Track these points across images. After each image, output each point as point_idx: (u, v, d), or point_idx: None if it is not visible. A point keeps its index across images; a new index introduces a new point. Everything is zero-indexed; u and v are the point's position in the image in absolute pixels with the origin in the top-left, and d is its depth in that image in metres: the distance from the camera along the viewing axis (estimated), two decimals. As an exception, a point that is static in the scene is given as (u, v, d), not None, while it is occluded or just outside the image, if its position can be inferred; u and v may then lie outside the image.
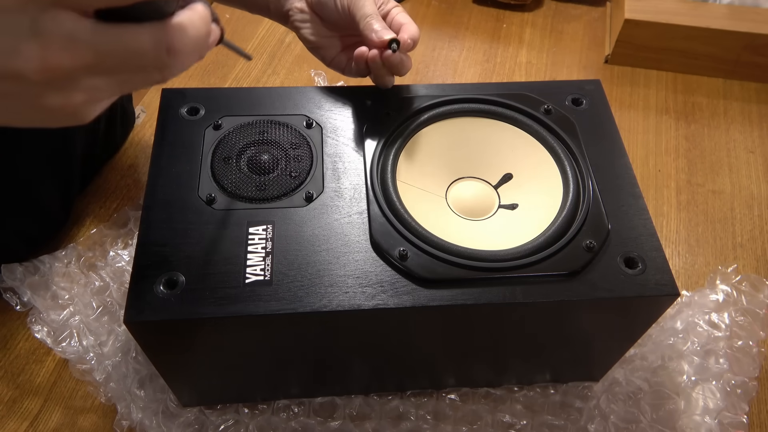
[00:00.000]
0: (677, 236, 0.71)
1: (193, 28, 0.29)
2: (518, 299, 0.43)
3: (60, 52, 0.26)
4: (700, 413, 0.56)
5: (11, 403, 0.56)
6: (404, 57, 0.51)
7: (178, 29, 0.28)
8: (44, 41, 0.25)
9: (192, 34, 0.29)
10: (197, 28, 0.29)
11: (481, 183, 0.53)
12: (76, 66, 0.26)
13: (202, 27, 0.30)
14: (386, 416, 0.56)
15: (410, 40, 0.51)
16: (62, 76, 0.26)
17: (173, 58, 0.28)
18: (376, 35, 0.50)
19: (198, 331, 0.43)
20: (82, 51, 0.26)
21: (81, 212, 0.70)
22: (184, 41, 0.29)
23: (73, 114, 0.29)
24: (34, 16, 0.25)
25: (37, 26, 0.25)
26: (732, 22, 0.83)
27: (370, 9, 0.51)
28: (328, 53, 0.57)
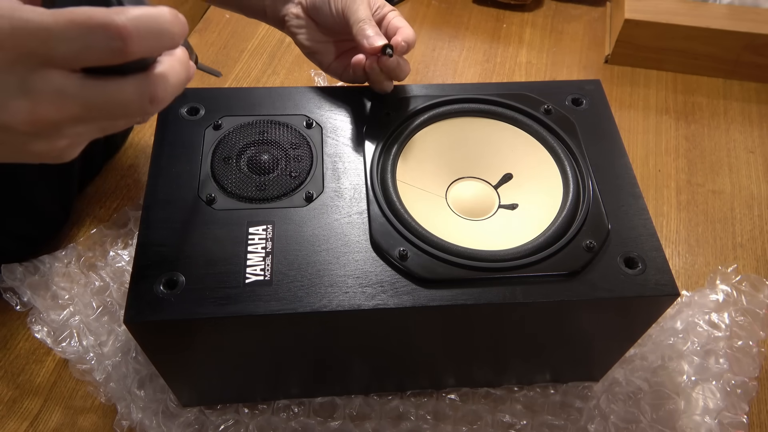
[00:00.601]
0: (677, 236, 0.71)
1: (174, 75, 0.30)
2: (518, 299, 0.43)
3: (48, 106, 0.27)
4: (700, 413, 0.56)
5: (11, 403, 0.56)
6: (401, 61, 0.51)
7: (161, 80, 0.30)
8: (33, 97, 0.27)
9: (173, 81, 0.30)
10: (178, 74, 0.31)
11: (481, 183, 0.53)
12: (63, 118, 0.28)
13: (182, 72, 0.31)
14: (386, 416, 0.56)
15: (404, 43, 0.50)
16: (49, 127, 0.28)
17: (156, 106, 0.30)
18: (368, 42, 0.50)
19: (198, 331, 0.43)
20: (70, 105, 0.28)
21: (81, 212, 0.69)
22: (167, 90, 0.30)
23: (57, 157, 0.31)
24: (22, 75, 0.26)
25: (26, 84, 0.26)
26: (732, 22, 0.83)
27: (364, 14, 0.51)
28: (325, 59, 0.57)
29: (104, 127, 0.31)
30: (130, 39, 0.26)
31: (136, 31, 0.26)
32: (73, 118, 0.28)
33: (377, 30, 0.50)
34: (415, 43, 0.52)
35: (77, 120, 0.28)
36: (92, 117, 0.29)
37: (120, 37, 0.26)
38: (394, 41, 0.50)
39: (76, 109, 0.28)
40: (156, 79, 0.29)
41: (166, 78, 0.30)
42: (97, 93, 0.28)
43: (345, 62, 0.56)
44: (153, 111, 0.30)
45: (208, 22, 0.95)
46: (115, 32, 0.26)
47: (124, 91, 0.28)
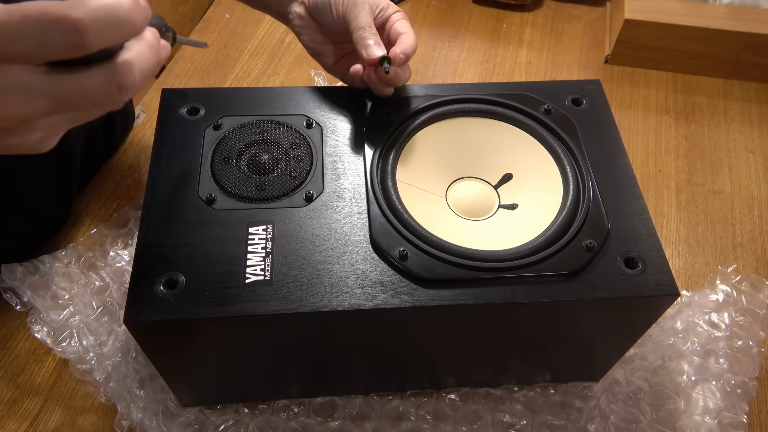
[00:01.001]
0: (677, 236, 0.71)
1: (141, 61, 0.30)
2: (518, 299, 0.43)
3: (13, 103, 0.27)
4: (700, 413, 0.56)
5: (11, 403, 0.56)
6: (398, 71, 0.50)
7: (127, 67, 0.29)
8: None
9: (141, 67, 0.30)
10: (146, 59, 0.30)
11: (481, 183, 0.53)
12: (31, 113, 0.28)
13: (150, 56, 0.31)
14: (386, 416, 0.56)
15: (403, 55, 0.49)
16: (18, 122, 0.28)
17: (125, 93, 0.30)
18: (367, 52, 0.49)
19: (198, 331, 0.43)
20: (36, 99, 0.27)
21: (81, 212, 0.69)
22: (135, 77, 0.30)
23: (33, 148, 0.31)
24: None
25: None
26: (732, 22, 0.83)
27: (364, 20, 0.50)
28: (328, 60, 0.57)
29: (77, 117, 0.31)
30: (87, 32, 0.26)
31: (92, 23, 0.26)
32: (42, 112, 0.28)
33: (377, 38, 0.49)
34: (415, 51, 0.51)
35: (46, 113, 0.28)
36: (61, 109, 0.29)
37: (76, 30, 0.25)
38: (392, 53, 0.49)
39: (43, 104, 0.28)
40: (122, 67, 0.29)
41: (132, 65, 0.29)
42: (62, 86, 0.27)
43: (348, 64, 0.56)
44: (124, 98, 0.30)
45: (208, 22, 0.95)
46: (71, 26, 0.25)
47: (90, 82, 0.28)
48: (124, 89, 0.29)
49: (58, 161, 0.63)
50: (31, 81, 0.27)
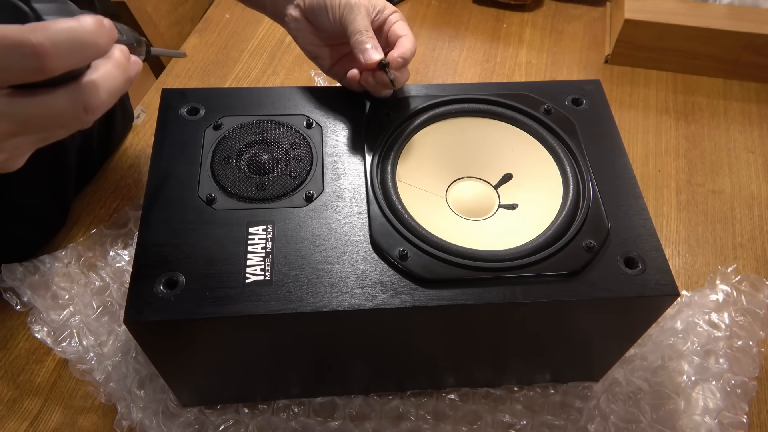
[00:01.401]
0: (677, 236, 0.71)
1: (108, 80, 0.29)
2: (518, 299, 0.43)
3: None
4: (700, 413, 0.56)
5: (11, 403, 0.56)
6: (397, 74, 0.50)
7: (92, 88, 0.29)
8: None
9: (108, 87, 0.29)
10: (114, 78, 0.30)
11: (481, 183, 0.53)
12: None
13: (118, 75, 0.30)
14: (386, 416, 0.56)
15: (401, 59, 0.49)
16: None
17: (92, 113, 0.29)
18: (364, 57, 0.48)
19: (198, 331, 0.43)
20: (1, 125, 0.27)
21: (81, 212, 0.69)
22: (101, 97, 0.29)
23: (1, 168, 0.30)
24: None
25: None
26: (732, 22, 0.83)
27: (361, 24, 0.49)
28: (325, 63, 0.56)
29: (43, 138, 0.30)
30: (48, 56, 0.25)
31: (53, 48, 0.25)
32: (5, 134, 0.28)
33: (375, 42, 0.49)
34: (414, 54, 0.50)
35: (10, 135, 0.28)
36: (26, 131, 0.28)
37: (36, 55, 0.25)
38: (390, 57, 0.49)
39: (6, 126, 0.27)
40: (88, 88, 0.28)
41: (99, 85, 0.29)
42: (26, 108, 0.27)
43: (345, 67, 0.55)
44: (91, 119, 0.30)
45: (208, 22, 0.95)
46: (31, 50, 0.25)
47: (55, 103, 0.28)
48: (91, 110, 0.29)
49: (53, 164, 0.63)
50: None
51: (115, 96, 0.30)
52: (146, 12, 0.92)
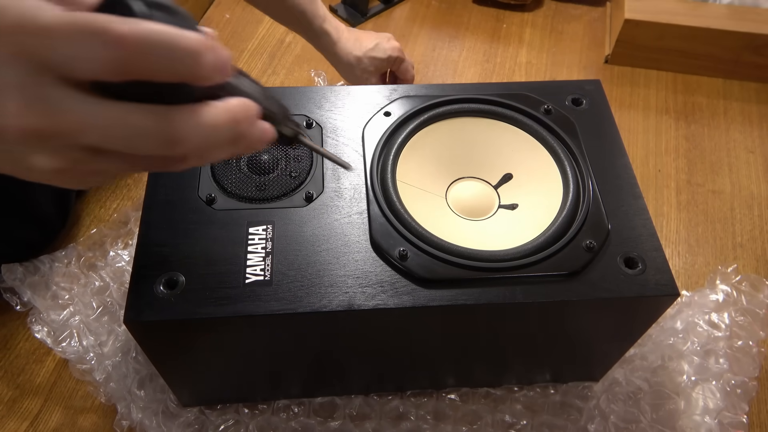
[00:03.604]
0: (677, 236, 0.71)
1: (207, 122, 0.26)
2: (518, 299, 0.43)
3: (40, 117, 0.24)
4: (700, 413, 0.56)
5: (11, 403, 0.56)
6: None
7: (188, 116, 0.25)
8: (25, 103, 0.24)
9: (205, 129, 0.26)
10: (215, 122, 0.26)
11: (481, 183, 0.53)
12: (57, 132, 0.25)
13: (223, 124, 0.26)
14: (386, 416, 0.56)
15: None
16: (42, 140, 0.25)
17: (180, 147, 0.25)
18: None
19: (198, 331, 0.43)
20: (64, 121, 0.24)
21: (81, 212, 0.69)
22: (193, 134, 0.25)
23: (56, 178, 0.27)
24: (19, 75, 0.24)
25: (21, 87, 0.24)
26: (732, 22, 0.83)
27: None
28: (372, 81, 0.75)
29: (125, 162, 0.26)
30: (128, 49, 0.23)
31: (136, 42, 0.23)
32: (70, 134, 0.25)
33: None
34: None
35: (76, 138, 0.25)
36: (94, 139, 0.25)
37: (115, 45, 0.23)
38: None
39: (71, 125, 0.24)
40: (181, 114, 0.25)
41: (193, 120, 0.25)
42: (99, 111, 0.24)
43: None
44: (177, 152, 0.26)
45: (208, 21, 0.95)
46: (110, 39, 0.22)
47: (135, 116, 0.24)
48: (178, 142, 0.25)
49: None
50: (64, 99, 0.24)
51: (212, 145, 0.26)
52: (146, 12, 0.92)
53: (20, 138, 0.25)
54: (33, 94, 0.24)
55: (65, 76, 0.24)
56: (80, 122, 0.24)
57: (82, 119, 0.24)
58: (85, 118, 0.24)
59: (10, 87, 0.24)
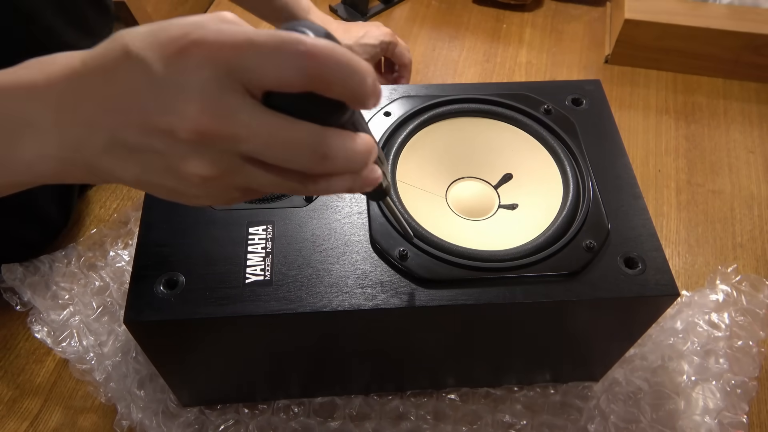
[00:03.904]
0: (677, 236, 0.71)
1: (353, 144, 0.28)
2: (518, 299, 0.43)
3: (216, 120, 0.26)
4: (700, 413, 0.56)
5: (11, 403, 0.56)
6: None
7: (338, 136, 0.28)
8: (205, 105, 0.26)
9: (349, 147, 0.28)
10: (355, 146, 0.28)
11: (481, 183, 0.53)
12: (226, 136, 0.26)
13: (359, 148, 0.29)
14: (386, 416, 0.56)
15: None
16: (210, 143, 0.27)
17: (328, 164, 0.28)
18: None
19: (198, 331, 0.43)
20: (236, 126, 0.26)
21: (81, 212, 0.69)
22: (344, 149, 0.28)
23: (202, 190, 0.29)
24: (205, 81, 0.26)
25: (203, 91, 0.26)
26: (732, 22, 0.83)
27: None
28: None
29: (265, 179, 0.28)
30: (315, 61, 0.25)
31: (323, 57, 0.25)
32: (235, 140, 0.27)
33: None
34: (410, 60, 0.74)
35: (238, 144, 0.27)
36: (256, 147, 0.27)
37: (306, 56, 0.25)
38: None
39: (241, 132, 0.26)
40: (333, 134, 0.28)
41: (343, 138, 0.28)
42: (267, 121, 0.27)
43: None
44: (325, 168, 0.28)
45: (208, 22, 0.94)
46: (302, 51, 0.25)
47: (296, 130, 0.27)
48: (328, 158, 0.27)
49: None
50: (241, 106, 0.26)
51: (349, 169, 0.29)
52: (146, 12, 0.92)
53: (190, 138, 0.26)
54: (214, 99, 0.26)
55: (247, 85, 0.26)
56: (248, 129, 0.26)
57: (250, 126, 0.26)
58: (254, 126, 0.26)
59: (195, 91, 0.26)
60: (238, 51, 0.26)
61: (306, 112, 0.27)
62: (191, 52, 0.26)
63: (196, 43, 0.26)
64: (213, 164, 0.27)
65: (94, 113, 0.28)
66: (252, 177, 0.29)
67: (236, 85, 0.26)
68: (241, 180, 0.29)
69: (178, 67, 0.26)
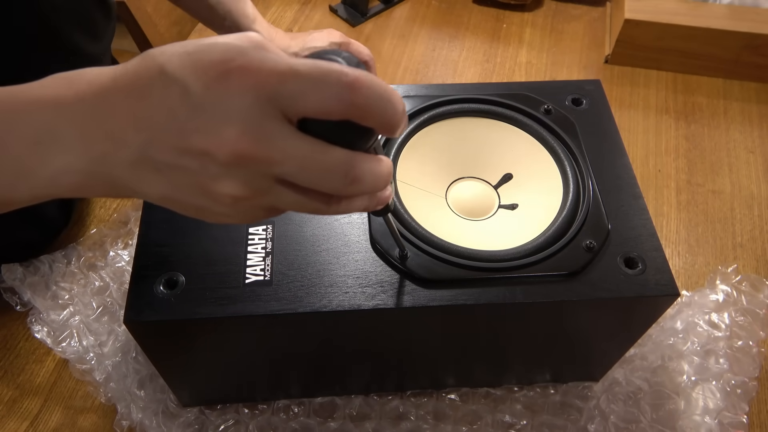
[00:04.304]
0: (677, 236, 0.71)
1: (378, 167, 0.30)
2: (518, 299, 0.43)
3: (255, 144, 0.27)
4: (700, 413, 0.56)
5: (11, 403, 0.56)
6: None
7: (366, 160, 0.29)
8: (245, 129, 0.26)
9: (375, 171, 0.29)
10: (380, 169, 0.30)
11: (481, 183, 0.53)
12: (263, 160, 0.27)
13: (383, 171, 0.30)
14: (386, 416, 0.56)
15: None
16: (246, 165, 0.27)
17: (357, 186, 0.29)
18: None
19: (198, 331, 0.43)
20: (274, 150, 0.27)
21: (81, 212, 0.70)
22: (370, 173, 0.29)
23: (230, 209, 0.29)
24: (247, 106, 0.26)
25: (245, 115, 0.26)
26: (732, 22, 0.83)
27: None
28: None
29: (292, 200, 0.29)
30: (358, 93, 0.26)
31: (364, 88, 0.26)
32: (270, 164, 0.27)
33: None
34: None
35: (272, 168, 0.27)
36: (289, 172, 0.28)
37: (348, 87, 0.26)
38: None
39: (277, 156, 0.27)
40: (362, 159, 0.29)
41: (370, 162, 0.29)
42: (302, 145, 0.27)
43: None
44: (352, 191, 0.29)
45: (208, 22, 0.94)
46: (346, 82, 0.26)
47: (329, 154, 0.28)
48: (357, 182, 0.29)
49: None
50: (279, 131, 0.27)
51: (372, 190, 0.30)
52: (146, 12, 0.92)
53: (227, 160, 0.27)
54: (255, 124, 0.27)
55: (285, 111, 0.27)
56: (285, 153, 0.27)
57: (287, 151, 0.27)
58: (290, 150, 0.27)
59: (236, 115, 0.26)
60: (282, 79, 0.26)
61: (339, 138, 0.28)
62: (235, 78, 0.26)
63: (241, 69, 0.26)
64: (246, 185, 0.28)
65: (123, 129, 0.28)
66: (280, 198, 0.29)
67: (276, 111, 0.27)
68: (270, 200, 0.29)
69: (219, 91, 0.26)
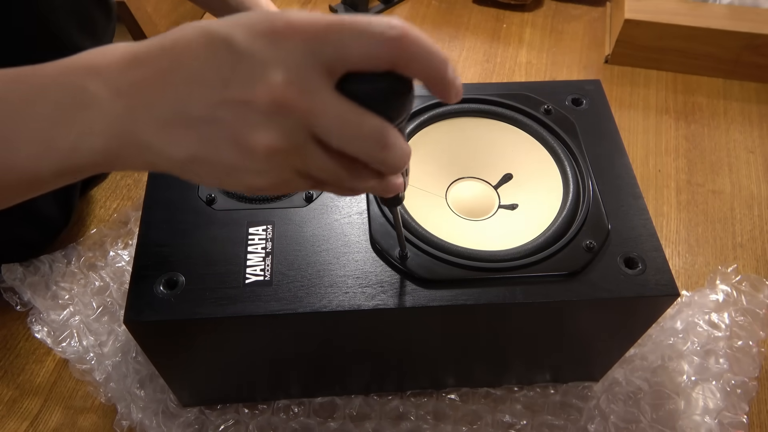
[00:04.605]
0: (677, 236, 0.71)
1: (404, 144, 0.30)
2: (518, 299, 0.43)
3: (299, 93, 0.27)
4: (700, 413, 0.56)
5: (11, 403, 0.56)
6: None
7: (397, 134, 0.30)
8: (291, 78, 0.27)
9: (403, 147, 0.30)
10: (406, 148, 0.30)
11: (481, 183, 0.53)
12: (305, 110, 0.27)
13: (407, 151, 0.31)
14: (386, 416, 0.56)
15: None
16: (286, 114, 0.27)
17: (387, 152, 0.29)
18: None
19: (198, 331, 0.43)
20: (316, 102, 0.27)
21: (81, 212, 0.69)
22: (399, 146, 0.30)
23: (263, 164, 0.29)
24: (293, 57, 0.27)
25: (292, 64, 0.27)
26: (732, 22, 0.83)
27: None
28: None
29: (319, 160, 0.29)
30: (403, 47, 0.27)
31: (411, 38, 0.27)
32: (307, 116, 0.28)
33: None
34: None
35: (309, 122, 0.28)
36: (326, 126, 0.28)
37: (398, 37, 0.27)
38: None
39: (315, 109, 0.27)
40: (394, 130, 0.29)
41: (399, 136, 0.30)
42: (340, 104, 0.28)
43: None
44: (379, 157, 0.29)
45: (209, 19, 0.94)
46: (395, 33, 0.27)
47: (366, 117, 0.28)
48: (387, 148, 0.29)
49: None
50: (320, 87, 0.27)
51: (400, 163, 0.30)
52: (146, 12, 0.92)
53: (269, 108, 0.27)
54: (300, 74, 0.27)
55: (332, 64, 0.27)
56: (325, 107, 0.28)
57: (327, 105, 0.28)
58: (330, 106, 0.28)
59: (282, 64, 0.27)
60: (328, 29, 0.27)
61: (376, 103, 0.29)
62: (281, 31, 0.27)
63: (287, 24, 0.27)
64: (283, 135, 0.28)
65: (156, 87, 0.28)
66: (312, 158, 0.29)
67: (320, 65, 0.27)
68: (302, 160, 0.29)
69: (265, 41, 0.27)
